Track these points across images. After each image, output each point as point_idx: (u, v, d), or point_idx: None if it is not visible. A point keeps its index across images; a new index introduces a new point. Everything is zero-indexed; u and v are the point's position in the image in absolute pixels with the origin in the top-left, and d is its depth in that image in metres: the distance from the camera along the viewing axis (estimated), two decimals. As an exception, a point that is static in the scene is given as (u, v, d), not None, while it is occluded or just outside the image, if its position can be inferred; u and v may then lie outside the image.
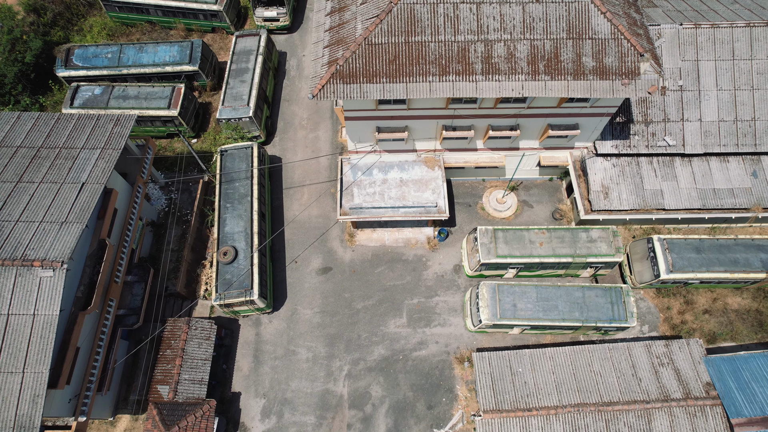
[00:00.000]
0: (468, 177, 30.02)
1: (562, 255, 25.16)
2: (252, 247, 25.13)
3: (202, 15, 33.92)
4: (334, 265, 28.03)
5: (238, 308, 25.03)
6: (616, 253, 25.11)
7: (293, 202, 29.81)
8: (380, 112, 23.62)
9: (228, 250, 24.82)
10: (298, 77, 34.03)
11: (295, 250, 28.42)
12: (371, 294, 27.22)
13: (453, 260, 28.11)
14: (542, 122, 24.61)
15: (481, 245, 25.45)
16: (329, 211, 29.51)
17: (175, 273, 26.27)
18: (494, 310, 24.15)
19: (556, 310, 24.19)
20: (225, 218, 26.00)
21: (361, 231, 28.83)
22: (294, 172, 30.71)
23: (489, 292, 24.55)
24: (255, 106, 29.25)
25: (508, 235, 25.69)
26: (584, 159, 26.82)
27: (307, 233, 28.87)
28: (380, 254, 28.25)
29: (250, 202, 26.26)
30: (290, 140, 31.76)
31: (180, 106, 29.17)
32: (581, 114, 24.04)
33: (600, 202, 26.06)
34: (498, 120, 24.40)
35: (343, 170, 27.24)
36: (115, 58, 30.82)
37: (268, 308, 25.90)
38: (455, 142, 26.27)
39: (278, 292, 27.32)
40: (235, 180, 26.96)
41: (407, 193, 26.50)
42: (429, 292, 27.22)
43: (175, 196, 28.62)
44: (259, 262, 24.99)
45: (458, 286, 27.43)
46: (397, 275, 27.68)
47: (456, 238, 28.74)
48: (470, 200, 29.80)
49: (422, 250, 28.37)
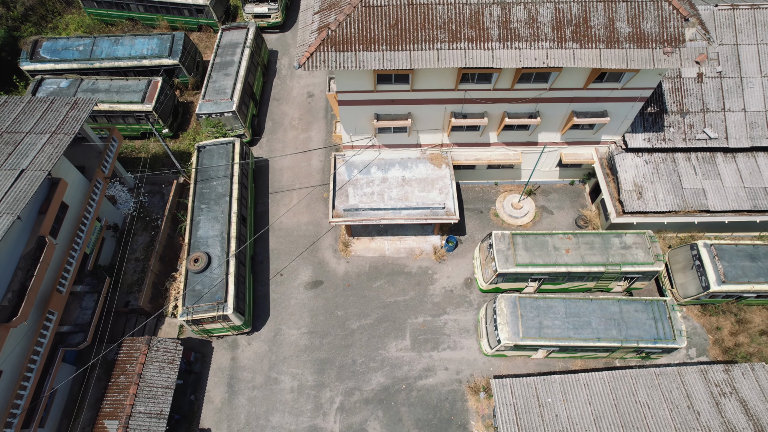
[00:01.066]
0: (479, 180, 26.58)
1: (593, 263, 21.39)
2: (228, 253, 21.38)
3: (187, 11, 31.37)
4: (326, 278, 24.19)
5: (210, 326, 21.03)
6: (656, 261, 21.36)
7: (280, 208, 26.25)
8: (379, 95, 20.41)
9: (199, 256, 21.07)
10: (290, 76, 31.15)
11: (281, 262, 24.63)
12: (369, 312, 23.27)
13: (463, 273, 24.29)
14: (565, 108, 21.37)
15: (498, 252, 21.73)
16: (321, 218, 25.91)
17: (139, 285, 22.39)
18: (515, 328, 20.19)
19: (589, 328, 20.22)
20: (198, 221, 22.37)
21: (357, 240, 25.14)
22: (282, 175, 27.30)
23: (509, 306, 20.65)
24: (239, 101, 26.15)
25: (529, 241, 22.01)
26: (612, 155, 23.45)
27: (296, 242, 25.16)
28: (379, 266, 24.46)
29: (229, 202, 22.71)
30: (279, 141, 28.51)
31: (156, 101, 26.05)
32: (610, 98, 20.82)
33: (633, 203, 22.51)
34: (515, 106, 21.17)
35: (337, 168, 23.84)
36: (87, 51, 27.96)
37: (246, 327, 21.89)
38: (465, 135, 22.97)
39: (259, 308, 23.37)
40: (213, 179, 23.49)
41: (410, 194, 22.99)
42: (436, 310, 23.27)
43: (144, 199, 25.07)
44: (236, 272, 21.19)
45: (470, 302, 23.51)
46: (399, 290, 23.81)
47: (466, 247, 25.02)
48: (482, 206, 26.26)
49: (428, 262, 24.59)
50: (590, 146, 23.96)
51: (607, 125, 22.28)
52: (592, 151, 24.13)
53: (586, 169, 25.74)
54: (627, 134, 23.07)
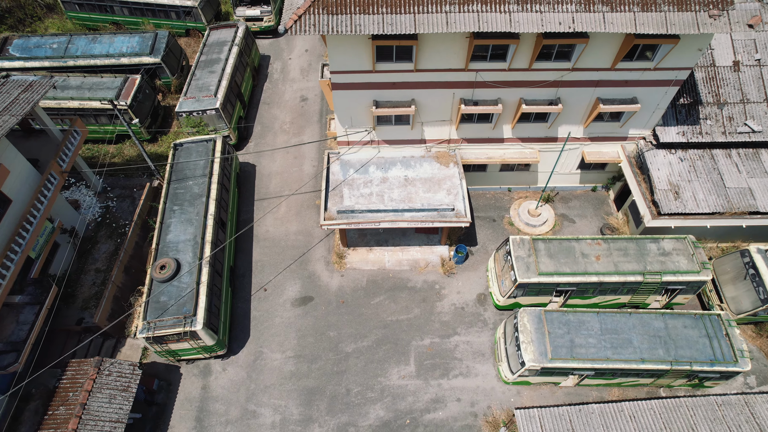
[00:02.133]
0: (490, 185, 23.75)
1: (629, 272, 18.25)
2: (201, 260, 18.25)
3: (174, 13, 29.51)
4: (317, 293, 20.91)
5: (177, 346, 17.61)
6: (702, 269, 18.23)
7: (266, 216, 23.27)
8: (379, 77, 17.88)
9: (167, 262, 17.91)
10: (282, 80, 28.90)
11: (265, 275, 21.42)
12: (366, 332, 19.87)
13: (476, 287, 21.05)
14: (590, 94, 18.81)
15: (517, 260, 18.61)
16: (312, 226, 22.88)
17: (98, 300, 19.09)
18: (542, 348, 16.81)
19: (630, 347, 16.84)
20: (169, 224, 19.33)
21: (353, 250, 22.02)
22: (270, 181, 24.46)
23: (533, 322, 17.34)
24: (224, 99, 23.68)
25: (552, 247, 18.93)
26: (642, 152, 20.73)
27: (283, 253, 22.03)
28: (378, 280, 21.23)
29: (206, 204, 19.76)
30: (268, 145, 25.87)
31: (132, 98, 23.58)
32: (641, 81, 18.31)
33: (670, 204, 19.58)
34: (533, 91, 18.62)
35: (331, 166, 21.05)
36: (61, 49, 25.76)
37: (221, 348, 18.45)
38: (476, 128, 20.32)
39: (238, 328, 19.97)
40: (189, 178, 20.64)
41: (414, 195, 20.09)
42: (445, 330, 19.89)
43: (113, 204, 22.10)
44: (210, 281, 17.98)
45: (485, 321, 20.15)
46: (402, 307, 20.49)
47: (478, 259, 21.88)
48: (494, 214, 23.29)
49: (434, 275, 21.39)
50: (616, 143, 21.28)
51: (636, 116, 19.69)
52: (617, 148, 21.43)
53: (610, 172, 22.98)
54: (658, 128, 20.44)
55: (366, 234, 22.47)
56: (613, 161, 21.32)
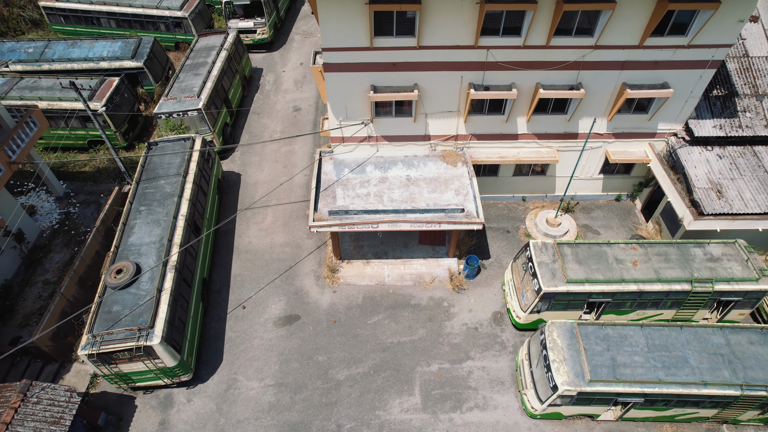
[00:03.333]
0: (502, 194, 21.21)
1: (673, 279, 15.34)
2: (167, 264, 15.38)
3: (163, 25, 28.16)
4: (304, 311, 17.84)
5: (130, 368, 14.40)
6: (761, 276, 15.35)
7: (250, 227, 20.55)
8: (377, 56, 15.81)
9: (125, 266, 15.03)
10: (275, 91, 27.06)
11: (245, 291, 18.43)
12: (362, 356, 16.65)
13: (491, 305, 18.02)
14: (614, 78, 16.68)
15: (540, 266, 15.75)
16: (301, 238, 20.12)
17: (41, 315, 16.01)
18: (578, 367, 13.63)
19: (687, 367, 13.66)
20: (133, 225, 16.61)
21: (348, 263, 19.14)
22: (256, 191, 21.93)
23: (565, 336, 14.25)
24: (208, 101, 21.62)
25: (581, 252, 16.14)
26: (674, 149, 18.37)
27: (266, 267, 19.13)
28: (376, 297, 18.24)
29: (177, 204, 17.13)
30: (255, 154, 23.57)
31: (108, 100, 21.52)
32: (673, 63, 16.24)
33: (713, 204, 16.97)
34: (551, 75, 16.50)
35: (323, 166, 18.62)
36: (36, 53, 24.06)
37: (185, 373, 15.18)
38: (487, 121, 18.06)
39: (209, 351, 16.76)
40: (161, 177, 18.14)
41: (418, 195, 17.52)
42: (456, 354, 16.68)
43: (74, 210, 19.45)
44: (174, 289, 15.02)
45: (503, 344, 16.98)
46: (404, 328, 17.37)
47: (492, 273, 18.98)
48: (508, 225, 20.60)
49: (442, 291, 18.41)
50: (643, 141, 18.97)
51: (666, 107, 17.49)
52: (645, 147, 19.10)
53: (636, 177, 20.52)
54: (691, 121, 18.20)
55: (363, 245, 19.68)
56: (641, 161, 18.91)
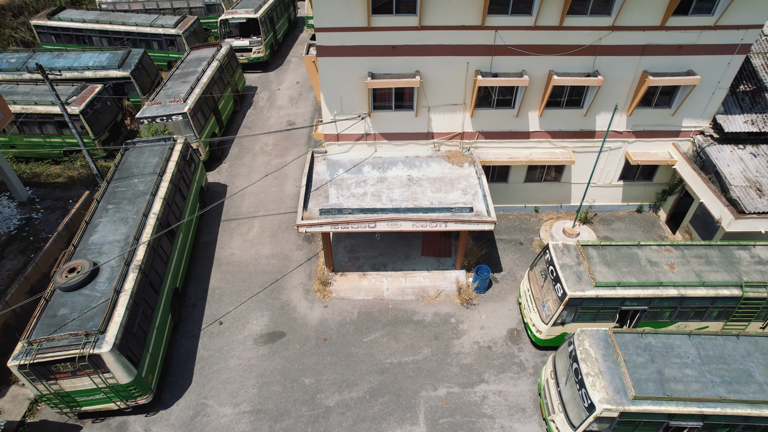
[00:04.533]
0: (512, 204, 19.32)
1: (721, 284, 13.17)
2: (131, 263, 13.23)
3: (156, 43, 27.40)
4: (290, 328, 15.45)
5: (73, 385, 11.91)
6: (821, 279, 13.21)
7: (234, 238, 18.49)
8: (375, 36, 14.47)
9: (79, 265, 12.88)
10: (268, 107, 25.80)
11: (224, 306, 16.11)
12: (356, 379, 14.12)
13: (505, 321, 15.67)
14: (634, 66, 15.26)
15: (563, 268, 13.62)
16: (290, 250, 18.02)
17: (-19, 328, 13.67)
18: (618, 382, 11.19)
19: (753, 383, 11.22)
20: (98, 223, 14.59)
21: (341, 276, 16.93)
22: (242, 201, 20.04)
23: (598, 346, 11.90)
24: (195, 106, 20.22)
25: (609, 254, 14.06)
26: (702, 148, 16.70)
27: (249, 280, 16.91)
28: (374, 312, 15.90)
29: (149, 202, 15.20)
30: (245, 166, 21.88)
31: (87, 105, 20.14)
32: (698, 47, 14.88)
33: (755, 202, 15.07)
34: (565, 63, 15.10)
35: (315, 166, 16.87)
36: (18, 63, 23.01)
37: (143, 393, 12.63)
38: (495, 117, 16.49)
39: (176, 372, 14.24)
40: (136, 176, 16.32)
41: (421, 195, 15.63)
42: (467, 377, 14.17)
43: (37, 216, 17.48)
44: (137, 291, 12.80)
45: (521, 364, 14.50)
46: (406, 346, 14.93)
47: (505, 287, 16.74)
48: (521, 236, 18.56)
49: (448, 306, 16.09)
50: (666, 141, 17.33)
51: (692, 99, 16.00)
52: (668, 148, 17.44)
53: (660, 184, 18.72)
54: (720, 117, 16.64)
55: (359, 257, 17.55)
56: (665, 162, 17.19)
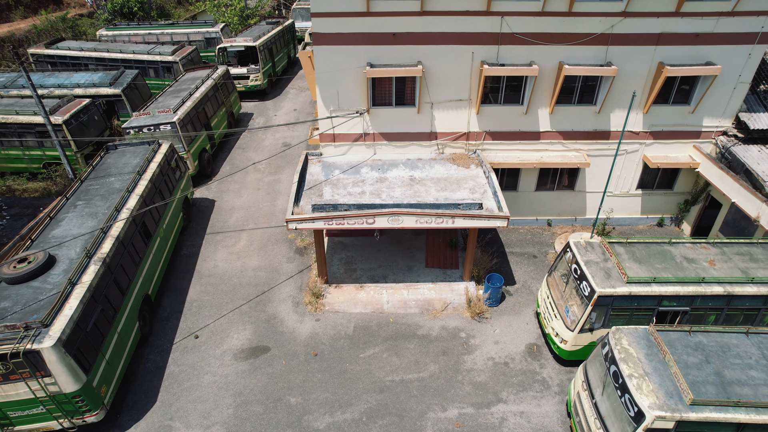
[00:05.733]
0: (523, 216, 17.81)
1: (771, 280, 11.48)
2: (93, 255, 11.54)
3: (152, 70, 27.08)
4: (276, 342, 13.43)
5: (5, 394, 9.82)
6: None
7: (219, 250, 16.80)
8: (374, 23, 13.68)
9: (32, 256, 11.19)
10: (264, 130, 24.94)
11: (201, 319, 14.15)
12: (350, 398, 11.96)
13: (523, 336, 13.69)
14: (649, 57, 14.40)
15: (588, 265, 11.95)
16: (280, 262, 16.29)
17: None
18: (669, 385, 9.19)
19: (832, 386, 9.23)
20: (63, 218, 13.01)
21: (336, 288, 15.09)
22: (230, 216, 18.53)
23: (640, 345, 9.99)
24: (185, 117, 19.27)
25: (638, 251, 12.44)
26: (727, 149, 15.51)
27: (232, 292, 15.05)
28: (372, 326, 13.95)
29: (123, 197, 13.72)
30: (235, 182, 20.58)
31: (71, 116, 19.19)
32: (716, 36, 14.09)
33: (793, 199, 13.63)
34: (575, 52, 14.26)
35: (309, 167, 15.58)
36: (8, 81, 22.33)
37: (92, 407, 10.43)
38: (503, 114, 15.40)
39: (140, 389, 12.09)
40: (113, 175, 14.95)
41: (425, 193, 14.20)
42: (482, 395, 12.03)
43: (2, 223, 15.90)
44: (96, 285, 11.01)
45: (544, 382, 12.40)
46: (409, 362, 12.87)
47: (521, 300, 14.88)
48: (534, 250, 16.91)
49: (457, 320, 14.16)
50: (686, 144, 16.17)
51: (712, 96, 15.03)
52: (690, 151, 16.24)
53: (681, 193, 17.35)
54: (743, 115, 15.59)
55: (356, 268, 15.80)
56: (687, 165, 15.94)
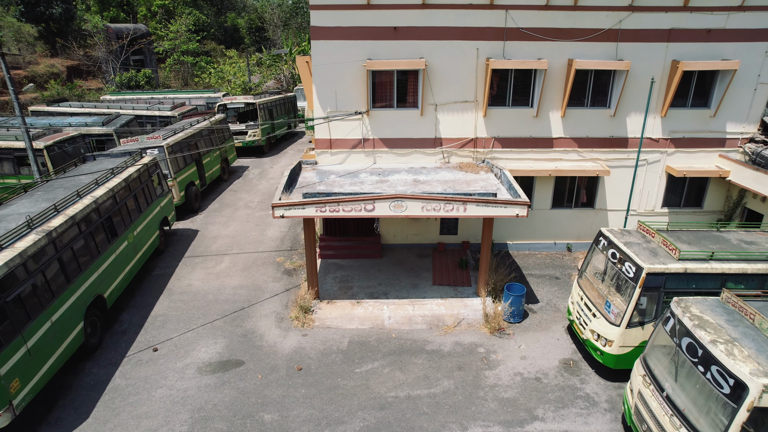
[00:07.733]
0: (540, 240, 15.95)
1: None
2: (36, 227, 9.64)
3: (150, 125, 26.77)
4: (252, 356, 10.88)
5: None
6: None
7: (195, 270, 14.67)
8: (375, 16, 13.26)
9: (-36, 221, 9.30)
10: (259, 178, 23.80)
11: (164, 332, 11.69)
12: (343, 415, 9.24)
13: (555, 351, 11.21)
14: (662, 54, 13.79)
15: (629, 246, 10.09)
16: (264, 282, 14.11)
17: None
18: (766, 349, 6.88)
19: None
20: (15, 202, 11.29)
21: (328, 304, 12.78)
22: (213, 243, 16.61)
23: (715, 312, 7.84)
24: (174, 146, 18.31)
25: (684, 236, 10.64)
26: (758, 154, 14.30)
27: (206, 308, 12.71)
28: (370, 341, 11.48)
29: (89, 187, 12.12)
30: (223, 216, 18.94)
31: (55, 143, 18.25)
32: (729, 32, 13.64)
33: None
34: (585, 48, 13.69)
35: (302, 173, 14.20)
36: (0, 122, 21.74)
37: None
38: (511, 117, 14.40)
39: (70, 404, 9.38)
40: (84, 174, 13.47)
41: (431, 191, 12.64)
42: (511, 413, 9.33)
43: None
44: (34, 253, 8.99)
45: (588, 398, 9.74)
46: (417, 378, 10.27)
47: (546, 317, 12.54)
48: (555, 272, 14.82)
49: (474, 336, 11.72)
50: (711, 153, 14.99)
51: (732, 98, 14.21)
52: (716, 161, 14.99)
53: (712, 212, 15.76)
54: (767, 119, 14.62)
55: (352, 285, 13.61)
56: (716, 174, 14.60)
